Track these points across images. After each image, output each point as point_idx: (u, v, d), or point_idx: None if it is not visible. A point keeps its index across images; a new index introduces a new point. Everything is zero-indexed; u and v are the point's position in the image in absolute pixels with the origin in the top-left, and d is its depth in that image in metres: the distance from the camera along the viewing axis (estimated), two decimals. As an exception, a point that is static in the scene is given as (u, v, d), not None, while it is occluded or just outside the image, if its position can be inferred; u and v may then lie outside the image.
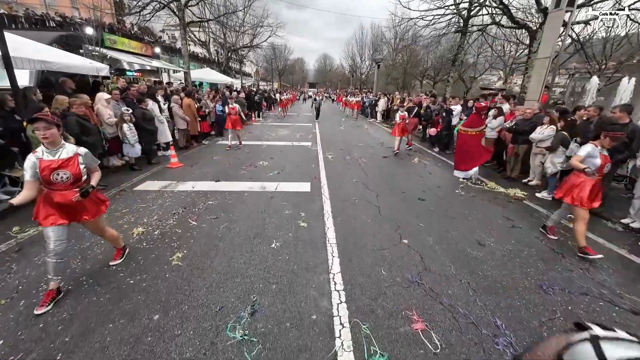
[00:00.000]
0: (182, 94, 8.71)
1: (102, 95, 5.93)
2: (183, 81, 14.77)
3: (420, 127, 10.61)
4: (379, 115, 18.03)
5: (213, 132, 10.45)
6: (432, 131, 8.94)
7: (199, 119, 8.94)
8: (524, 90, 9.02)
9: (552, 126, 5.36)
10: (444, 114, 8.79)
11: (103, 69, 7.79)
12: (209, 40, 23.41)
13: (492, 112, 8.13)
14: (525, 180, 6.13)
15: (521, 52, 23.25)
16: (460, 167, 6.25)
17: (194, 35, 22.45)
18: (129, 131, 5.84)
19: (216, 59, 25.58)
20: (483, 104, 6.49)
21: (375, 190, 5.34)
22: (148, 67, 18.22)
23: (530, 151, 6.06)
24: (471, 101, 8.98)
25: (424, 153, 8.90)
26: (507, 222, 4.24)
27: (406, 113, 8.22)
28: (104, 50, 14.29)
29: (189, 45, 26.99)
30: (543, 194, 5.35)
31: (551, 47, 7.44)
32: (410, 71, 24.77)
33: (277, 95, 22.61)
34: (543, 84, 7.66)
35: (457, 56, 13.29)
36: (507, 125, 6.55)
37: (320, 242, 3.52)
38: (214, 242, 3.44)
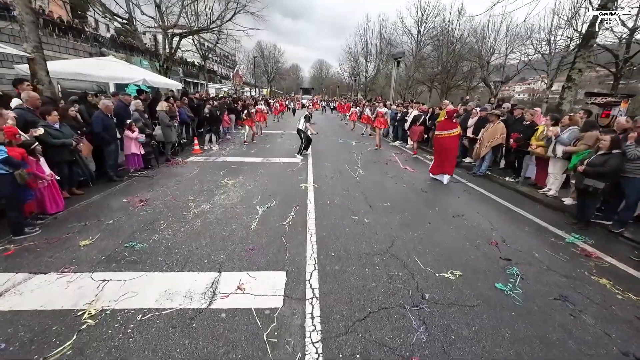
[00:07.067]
0: None
1: None
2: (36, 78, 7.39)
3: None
4: (410, 140, 10.89)
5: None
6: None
7: None
8: None
9: None
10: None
11: None
12: (133, 14, 13.46)
13: None
14: None
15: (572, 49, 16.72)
16: (435, 171, 6.29)
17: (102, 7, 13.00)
18: None
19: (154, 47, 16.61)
20: (452, 109, 6.47)
21: None
22: None
23: None
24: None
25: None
26: None
27: None
28: None
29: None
30: None
31: None
32: (452, 65, 17.74)
33: (261, 104, 14.20)
34: None
35: (592, 29, 6.41)
36: None
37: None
38: None
